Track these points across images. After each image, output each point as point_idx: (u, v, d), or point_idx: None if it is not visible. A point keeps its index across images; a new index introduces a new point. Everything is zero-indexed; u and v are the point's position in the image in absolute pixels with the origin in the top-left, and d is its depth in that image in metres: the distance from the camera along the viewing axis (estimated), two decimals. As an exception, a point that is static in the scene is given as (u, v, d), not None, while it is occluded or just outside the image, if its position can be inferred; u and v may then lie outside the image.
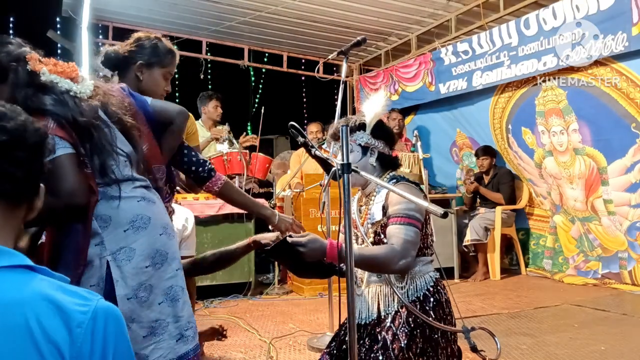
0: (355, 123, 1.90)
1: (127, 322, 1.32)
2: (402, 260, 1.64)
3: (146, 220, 1.43)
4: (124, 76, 1.94)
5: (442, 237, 4.85)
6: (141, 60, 1.92)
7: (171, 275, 1.45)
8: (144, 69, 1.93)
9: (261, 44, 6.74)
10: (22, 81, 1.36)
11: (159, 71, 1.97)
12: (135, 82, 1.93)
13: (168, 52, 1.98)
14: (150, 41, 1.96)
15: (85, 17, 4.96)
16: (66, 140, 1.33)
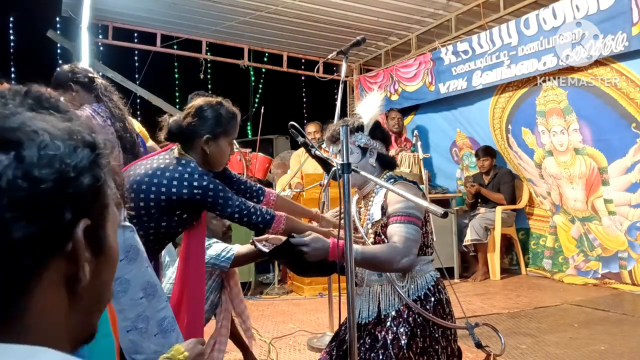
0: (353, 124, 1.90)
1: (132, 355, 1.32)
2: (404, 258, 1.65)
3: (136, 252, 1.42)
4: (188, 148, 1.88)
5: (442, 237, 4.85)
6: (208, 135, 1.86)
7: (163, 306, 1.47)
8: (210, 142, 1.87)
9: (261, 44, 6.74)
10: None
11: (225, 140, 1.92)
12: (201, 155, 1.88)
13: (232, 118, 1.92)
14: (213, 110, 1.89)
15: (85, 17, 4.97)
16: None
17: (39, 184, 0.48)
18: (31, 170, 0.48)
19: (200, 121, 1.87)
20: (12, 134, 0.49)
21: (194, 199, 1.78)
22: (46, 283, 0.50)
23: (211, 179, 1.82)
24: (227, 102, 1.94)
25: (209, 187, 1.79)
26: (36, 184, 0.48)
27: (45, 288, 0.50)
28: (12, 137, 0.49)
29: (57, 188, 0.49)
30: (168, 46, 6.31)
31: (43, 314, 0.50)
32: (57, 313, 0.52)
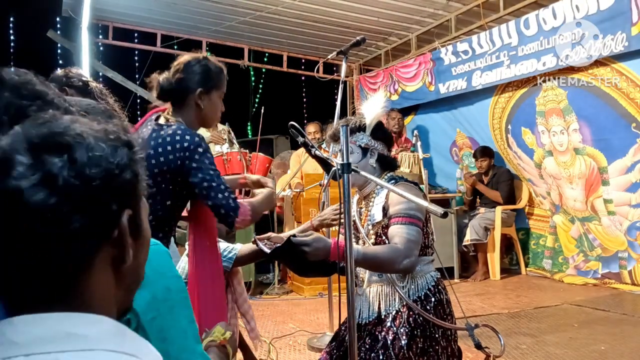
0: (355, 124, 1.90)
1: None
2: (406, 259, 1.65)
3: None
4: (181, 106, 1.87)
5: (442, 237, 4.85)
6: (201, 88, 1.85)
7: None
8: (203, 95, 1.87)
9: (261, 44, 6.74)
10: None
11: (217, 94, 1.91)
12: (195, 111, 1.87)
13: (220, 71, 1.91)
14: (201, 64, 1.88)
15: (85, 17, 4.97)
16: None
17: (90, 181, 0.57)
18: (83, 171, 0.57)
19: (190, 76, 1.86)
20: (61, 138, 0.58)
21: (181, 160, 1.73)
22: (99, 264, 0.60)
23: (203, 139, 1.78)
24: (213, 57, 1.95)
25: (199, 143, 1.75)
26: (88, 182, 0.57)
27: (99, 268, 0.60)
28: (62, 141, 0.57)
29: (105, 184, 0.58)
30: (168, 46, 6.31)
31: (97, 290, 0.60)
32: (108, 289, 0.62)
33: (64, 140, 0.58)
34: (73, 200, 0.56)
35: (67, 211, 0.56)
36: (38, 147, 0.57)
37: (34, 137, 0.58)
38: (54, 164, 0.56)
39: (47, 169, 0.55)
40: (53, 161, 0.56)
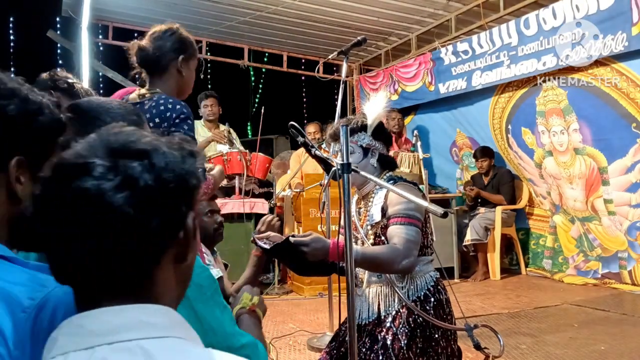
0: (356, 124, 1.90)
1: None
2: (405, 259, 1.64)
3: None
4: (162, 74, 1.86)
5: (442, 237, 4.85)
6: (182, 55, 1.85)
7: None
8: (184, 63, 1.87)
9: (261, 44, 6.74)
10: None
11: (193, 63, 1.92)
12: (176, 79, 1.87)
13: (193, 41, 1.93)
14: (177, 32, 1.87)
15: (85, 17, 4.97)
16: None
17: (167, 185, 0.63)
18: (161, 175, 0.63)
19: (170, 43, 1.86)
20: (139, 145, 0.64)
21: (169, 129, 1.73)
22: (165, 261, 0.66)
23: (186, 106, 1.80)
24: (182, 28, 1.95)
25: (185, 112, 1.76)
26: (164, 185, 0.63)
27: (165, 265, 0.66)
28: (141, 147, 0.64)
29: (177, 188, 0.64)
30: (168, 46, 6.31)
31: (163, 285, 0.66)
32: (170, 285, 0.68)
33: (142, 147, 0.64)
34: (152, 201, 0.62)
35: (146, 212, 0.61)
36: (118, 153, 0.62)
37: (113, 143, 0.64)
38: (134, 168, 0.62)
39: (129, 173, 0.61)
40: (133, 165, 0.62)
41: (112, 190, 0.60)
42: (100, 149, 0.63)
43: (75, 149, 0.64)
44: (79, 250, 0.61)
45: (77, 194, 0.60)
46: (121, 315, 0.61)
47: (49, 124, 0.85)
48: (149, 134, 0.67)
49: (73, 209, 0.60)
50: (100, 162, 0.61)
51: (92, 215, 0.60)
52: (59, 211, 0.61)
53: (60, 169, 0.63)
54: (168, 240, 0.65)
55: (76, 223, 0.60)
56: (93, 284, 0.63)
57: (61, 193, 0.61)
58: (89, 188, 0.60)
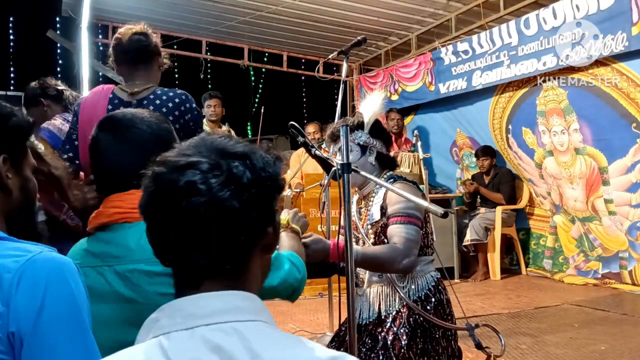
0: (353, 122, 1.90)
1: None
2: (405, 259, 1.64)
3: None
4: (147, 68, 1.92)
5: (442, 237, 4.84)
6: (160, 56, 1.95)
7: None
8: (162, 62, 1.96)
9: (261, 44, 6.74)
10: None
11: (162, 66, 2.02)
12: (156, 75, 1.95)
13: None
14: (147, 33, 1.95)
15: (85, 16, 4.97)
16: None
17: (265, 182, 0.72)
18: (260, 174, 0.71)
19: (149, 39, 1.93)
20: (239, 148, 0.72)
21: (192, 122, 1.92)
22: (256, 252, 0.74)
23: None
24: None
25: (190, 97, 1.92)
26: (263, 182, 0.72)
27: (256, 255, 0.74)
28: (241, 150, 0.72)
29: (272, 186, 0.73)
30: (168, 46, 6.31)
31: (253, 273, 0.75)
32: (257, 273, 0.76)
33: (242, 150, 0.72)
34: (253, 197, 0.70)
35: (248, 206, 0.69)
36: (221, 154, 0.70)
37: (216, 145, 0.72)
38: (237, 166, 0.70)
39: (233, 171, 0.69)
40: (236, 164, 0.70)
41: (219, 185, 0.68)
42: (204, 149, 0.71)
43: (179, 150, 0.72)
44: (187, 239, 0.68)
45: (189, 188, 0.67)
46: (218, 300, 0.69)
47: (21, 123, 0.97)
48: (242, 140, 0.76)
49: (185, 202, 0.67)
50: (206, 161, 0.69)
51: (202, 207, 0.67)
52: (171, 203, 0.68)
53: (169, 166, 0.70)
54: (262, 233, 0.73)
55: (187, 213, 0.67)
56: (196, 271, 0.70)
57: (173, 187, 0.68)
58: (198, 183, 0.67)
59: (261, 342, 0.66)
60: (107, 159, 1.11)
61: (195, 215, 0.67)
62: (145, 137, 1.10)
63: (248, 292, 0.72)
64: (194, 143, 0.73)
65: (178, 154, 0.72)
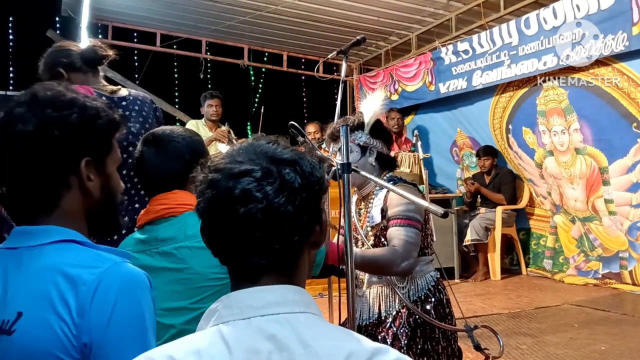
0: (354, 122, 1.89)
1: None
2: (404, 262, 1.64)
3: None
4: (96, 74, 2.15)
5: (442, 237, 4.84)
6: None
7: None
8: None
9: (261, 44, 6.73)
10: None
11: None
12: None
13: None
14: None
15: (85, 16, 4.96)
16: None
17: (313, 186, 0.77)
18: (309, 178, 0.77)
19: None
20: (287, 155, 0.77)
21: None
22: (305, 249, 0.81)
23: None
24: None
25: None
26: (312, 187, 0.77)
27: (305, 252, 0.81)
28: (290, 157, 0.77)
29: (319, 189, 0.79)
30: (168, 46, 6.31)
31: (303, 268, 0.81)
32: (306, 268, 0.83)
33: (290, 156, 0.77)
34: (304, 201, 0.75)
35: (300, 209, 0.75)
36: (272, 160, 0.75)
37: (266, 153, 0.76)
38: (289, 173, 0.75)
39: (285, 178, 0.74)
40: (287, 171, 0.75)
41: (274, 192, 0.73)
42: (254, 156, 0.76)
43: (231, 156, 0.77)
44: (244, 242, 0.74)
45: (245, 195, 0.72)
46: (273, 293, 0.75)
47: (106, 125, 0.97)
48: (287, 145, 0.81)
49: (243, 208, 0.72)
50: (259, 168, 0.74)
51: (259, 213, 0.72)
52: (228, 210, 0.73)
53: (224, 173, 0.75)
54: (311, 232, 0.80)
55: (245, 219, 0.72)
56: (254, 266, 0.76)
57: (229, 195, 0.73)
58: (254, 190, 0.72)
59: (311, 332, 0.72)
60: (152, 168, 1.31)
61: (253, 221, 0.73)
62: (182, 149, 1.31)
63: (298, 286, 0.78)
64: (244, 149, 0.78)
65: (231, 161, 0.76)
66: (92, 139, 0.94)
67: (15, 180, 0.91)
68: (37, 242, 0.89)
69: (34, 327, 0.82)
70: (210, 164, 0.78)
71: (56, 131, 0.89)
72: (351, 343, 0.72)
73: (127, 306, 0.85)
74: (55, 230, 0.91)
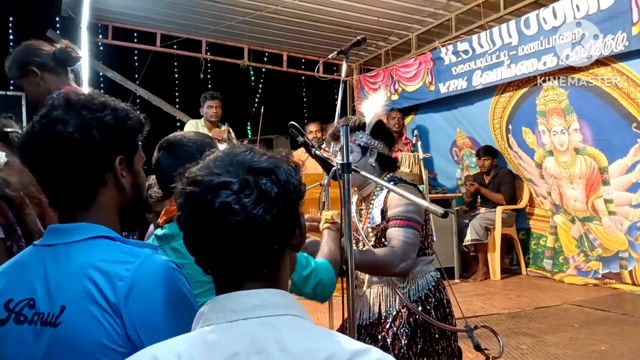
0: (355, 123, 1.88)
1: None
2: (402, 262, 1.64)
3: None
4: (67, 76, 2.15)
5: (442, 237, 4.84)
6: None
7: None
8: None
9: (261, 44, 6.73)
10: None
11: None
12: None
13: None
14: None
15: (85, 16, 4.96)
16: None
17: (290, 194, 0.80)
18: (286, 187, 0.79)
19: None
20: (264, 164, 0.79)
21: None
22: (286, 252, 0.84)
23: None
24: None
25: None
26: (288, 194, 0.79)
27: (286, 255, 0.84)
28: (265, 166, 0.79)
29: (296, 195, 0.81)
30: (168, 46, 6.31)
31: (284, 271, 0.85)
32: (287, 271, 0.86)
33: (266, 165, 0.79)
34: (282, 209, 0.78)
35: (279, 218, 0.77)
36: (249, 171, 0.77)
37: (242, 163, 0.79)
38: (265, 183, 0.77)
39: (262, 189, 0.77)
40: (264, 182, 0.77)
41: (252, 204, 0.75)
42: (231, 167, 0.78)
43: (208, 168, 0.79)
44: (225, 252, 0.77)
45: (224, 208, 0.75)
46: (256, 297, 0.78)
47: (135, 125, 1.04)
48: (263, 152, 0.83)
49: (222, 221, 0.75)
50: (236, 180, 0.76)
51: (239, 224, 0.75)
52: (207, 223, 0.76)
53: (202, 186, 0.77)
54: (290, 237, 0.82)
55: (225, 231, 0.75)
56: (237, 274, 0.79)
57: (209, 208, 0.75)
58: (232, 203, 0.75)
59: (292, 334, 0.74)
60: (167, 171, 1.37)
61: (233, 232, 0.76)
62: (192, 152, 1.37)
63: (280, 289, 0.81)
64: (220, 159, 0.80)
65: (209, 173, 0.78)
66: (125, 138, 1.01)
67: (56, 178, 0.96)
68: (71, 239, 0.95)
69: (78, 318, 0.88)
70: (189, 175, 0.80)
71: (94, 131, 0.95)
72: (331, 344, 0.73)
73: (168, 292, 0.92)
74: (87, 227, 0.97)
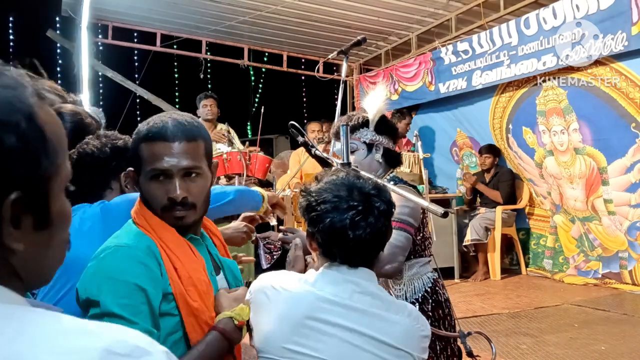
0: (358, 120, 1.86)
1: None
2: (387, 265, 1.60)
3: None
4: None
5: (442, 237, 4.83)
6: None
7: None
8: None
9: (261, 44, 6.73)
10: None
11: None
12: None
13: None
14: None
15: (85, 16, 4.97)
16: None
17: (392, 207, 1.23)
18: (389, 203, 1.23)
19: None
20: (373, 191, 1.19)
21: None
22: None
23: None
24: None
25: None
26: (392, 207, 1.23)
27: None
28: (375, 192, 1.19)
29: (393, 205, 1.26)
30: (168, 46, 6.31)
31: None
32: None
33: (375, 191, 1.17)
34: (388, 219, 1.19)
35: (388, 226, 1.20)
36: (367, 196, 1.16)
37: (363, 190, 1.16)
38: (379, 205, 1.16)
39: (380, 209, 1.16)
40: (378, 204, 1.16)
41: (374, 220, 1.14)
42: (352, 193, 1.15)
43: (332, 192, 1.15)
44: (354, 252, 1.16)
45: (354, 225, 1.13)
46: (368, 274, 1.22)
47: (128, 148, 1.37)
48: (364, 177, 1.21)
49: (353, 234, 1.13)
50: (359, 204, 1.13)
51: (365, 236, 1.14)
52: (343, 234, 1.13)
53: (333, 208, 1.13)
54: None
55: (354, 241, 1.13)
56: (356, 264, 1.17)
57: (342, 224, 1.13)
58: (360, 221, 1.13)
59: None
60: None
61: (360, 241, 1.13)
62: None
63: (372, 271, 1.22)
64: (340, 185, 1.16)
65: (336, 196, 1.14)
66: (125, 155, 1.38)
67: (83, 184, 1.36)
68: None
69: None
70: (317, 196, 1.15)
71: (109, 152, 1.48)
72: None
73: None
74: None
